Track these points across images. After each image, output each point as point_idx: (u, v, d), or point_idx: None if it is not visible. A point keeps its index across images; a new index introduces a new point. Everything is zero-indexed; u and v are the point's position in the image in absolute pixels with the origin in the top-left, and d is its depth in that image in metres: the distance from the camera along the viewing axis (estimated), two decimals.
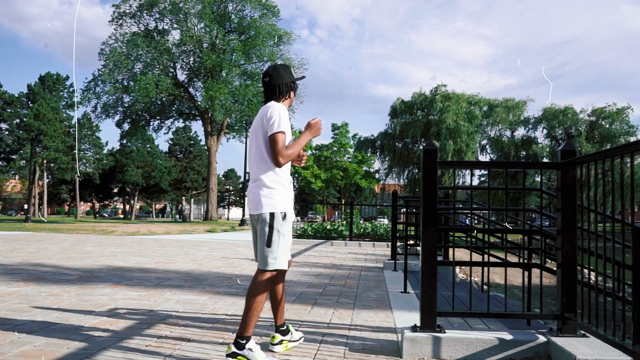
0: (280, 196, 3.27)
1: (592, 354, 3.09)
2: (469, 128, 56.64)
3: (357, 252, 14.07)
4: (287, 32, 42.93)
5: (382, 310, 5.36)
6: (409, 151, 58.94)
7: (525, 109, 60.98)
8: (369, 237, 17.83)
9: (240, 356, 3.10)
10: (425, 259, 3.60)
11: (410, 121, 58.38)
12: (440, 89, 58.29)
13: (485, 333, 3.60)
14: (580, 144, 56.48)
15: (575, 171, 3.56)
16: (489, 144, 62.38)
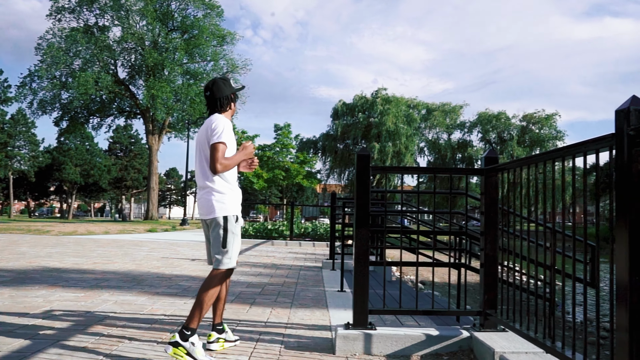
0: (231, 200, 3.45)
1: (509, 347, 3.29)
2: (408, 131, 57.86)
3: (298, 251, 14.17)
4: (230, 33, 42.60)
5: (319, 308, 5.47)
6: (350, 152, 59.59)
7: (461, 113, 62.87)
8: (309, 237, 17.98)
9: (181, 347, 3.17)
10: (358, 259, 3.73)
11: (351, 123, 59.08)
12: (380, 92, 59.25)
13: (413, 329, 3.76)
14: (512, 148, 58.63)
15: (497, 177, 3.77)
16: (427, 146, 63.91)
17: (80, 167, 72.66)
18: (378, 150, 56.81)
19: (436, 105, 61.88)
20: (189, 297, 5.89)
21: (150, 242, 16.37)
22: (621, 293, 2.14)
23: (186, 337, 3.19)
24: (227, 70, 42.64)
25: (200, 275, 8.01)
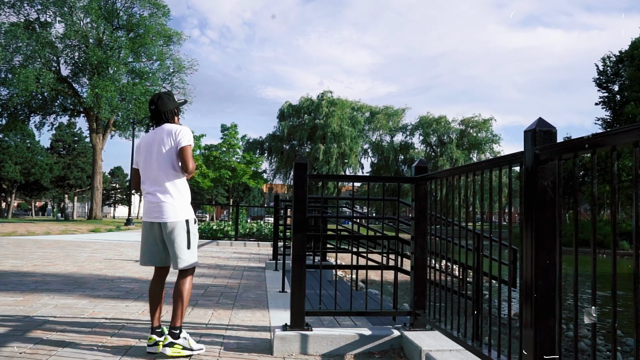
0: (188, 203, 3.68)
1: (435, 345, 3.46)
2: (352, 133, 58.51)
3: (242, 251, 14.17)
4: (177, 33, 41.93)
5: (260, 309, 5.55)
6: (296, 153, 59.75)
7: (404, 117, 64.13)
8: (254, 237, 17.97)
9: (176, 345, 3.47)
10: (295, 263, 3.83)
11: (297, 124, 59.29)
12: (326, 95, 59.69)
13: (347, 329, 3.90)
14: (451, 150, 60.20)
15: (426, 185, 3.95)
16: (370, 147, 64.80)
17: (21, 165, 69.81)
18: (323, 151, 57.22)
19: (380, 108, 62.87)
20: (130, 300, 5.85)
21: (93, 242, 15.98)
22: (527, 293, 2.32)
23: (177, 335, 3.49)
24: (174, 70, 42.01)
25: (144, 276, 7.93)
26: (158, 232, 3.62)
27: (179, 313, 3.57)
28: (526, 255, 2.34)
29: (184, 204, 3.62)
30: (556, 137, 2.30)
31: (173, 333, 3.49)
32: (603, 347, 8.15)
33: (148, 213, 3.61)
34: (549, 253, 2.27)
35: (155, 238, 3.65)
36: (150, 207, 3.60)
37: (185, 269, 3.63)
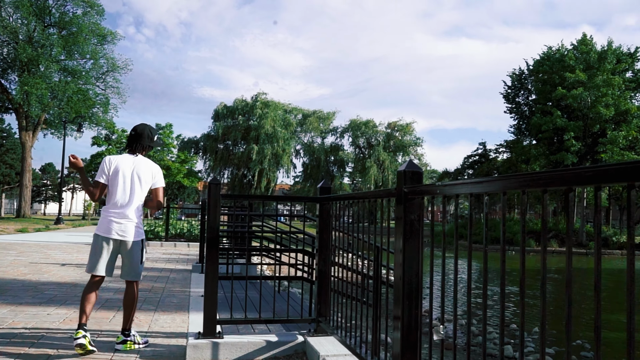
0: (143, 226, 4.25)
1: (332, 350, 3.72)
2: (285, 134, 58.71)
3: (172, 252, 14.06)
4: (111, 32, 40.62)
5: (181, 314, 5.65)
6: (230, 153, 59.36)
7: (334, 119, 64.96)
8: (184, 238, 17.82)
9: (129, 341, 4.13)
10: (207, 276, 3.99)
11: (232, 125, 58.88)
12: (260, 97, 59.59)
13: (256, 336, 4.10)
14: (378, 153, 61.49)
15: (330, 204, 4.21)
16: (303, 149, 65.15)
17: None
18: (257, 151, 57.11)
19: (311, 111, 63.40)
20: (53, 307, 5.80)
21: (19, 244, 15.33)
22: (397, 297, 2.61)
23: (128, 334, 4.15)
24: (108, 69, 40.69)
25: (69, 281, 7.81)
26: (116, 248, 4.08)
27: (129, 317, 4.17)
28: (398, 273, 2.62)
29: (141, 226, 4.20)
30: (422, 177, 2.59)
31: (125, 333, 4.15)
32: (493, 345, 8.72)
33: (112, 231, 4.03)
34: (415, 275, 2.57)
35: (112, 252, 4.09)
36: (118, 226, 4.05)
37: (137, 280, 4.21)
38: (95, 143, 47.49)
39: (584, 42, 39.33)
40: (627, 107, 35.70)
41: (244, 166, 59.69)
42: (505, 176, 1.76)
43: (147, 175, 4.16)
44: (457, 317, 2.22)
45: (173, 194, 70.77)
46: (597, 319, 1.37)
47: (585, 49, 38.56)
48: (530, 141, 43.90)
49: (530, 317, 10.80)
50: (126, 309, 4.18)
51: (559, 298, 14.00)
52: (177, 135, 57.27)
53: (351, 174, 66.82)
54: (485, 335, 1.97)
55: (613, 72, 37.36)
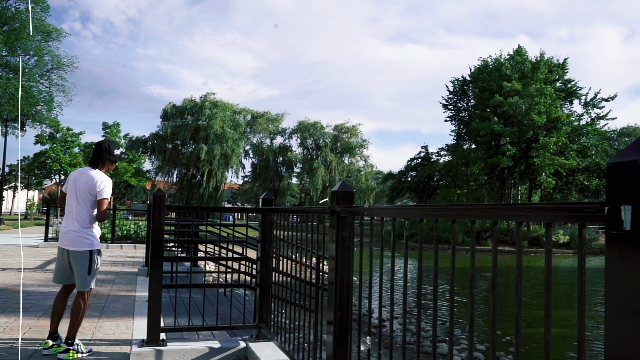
0: (96, 237, 4.26)
1: (272, 356, 3.84)
2: (234, 135, 58.29)
3: (118, 255, 13.79)
4: (57, 29, 39.15)
5: (126, 320, 5.61)
6: (178, 152, 58.45)
7: (283, 121, 65.00)
8: (131, 240, 17.49)
9: (72, 350, 4.11)
10: (152, 285, 4.03)
11: (180, 125, 57.96)
12: (209, 97, 58.91)
13: (199, 343, 4.17)
14: (326, 154, 61.97)
15: (271, 215, 4.32)
16: (252, 149, 64.84)
17: None
18: (206, 151, 56.46)
19: (260, 112, 63.21)
20: None
21: None
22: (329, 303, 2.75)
23: (71, 343, 4.13)
24: (52, 66, 39.25)
25: (10, 287, 7.58)
26: (66, 257, 4.19)
27: (74, 326, 4.16)
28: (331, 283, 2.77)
29: (92, 237, 4.20)
30: (353, 196, 2.75)
31: (68, 342, 4.13)
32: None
33: (62, 240, 4.22)
34: (347, 286, 2.72)
35: (64, 261, 4.22)
36: (64, 235, 4.20)
37: (82, 291, 4.19)
38: (38, 142, 45.79)
39: (519, 53, 40.99)
40: (558, 114, 37.44)
41: (193, 166, 58.86)
42: (419, 205, 1.93)
43: (88, 187, 4.20)
44: (392, 319, 2.38)
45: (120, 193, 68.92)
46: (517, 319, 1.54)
47: (520, 59, 40.19)
48: (470, 145, 45.36)
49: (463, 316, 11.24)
50: (71, 317, 4.17)
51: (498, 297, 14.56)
52: (125, 135, 55.93)
53: (299, 175, 67.07)
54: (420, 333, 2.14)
55: (545, 81, 39.12)
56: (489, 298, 9.08)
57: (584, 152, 40.43)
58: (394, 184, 54.24)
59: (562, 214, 1.33)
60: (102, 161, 4.34)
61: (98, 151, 4.36)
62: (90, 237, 4.19)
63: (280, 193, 66.66)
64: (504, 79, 38.67)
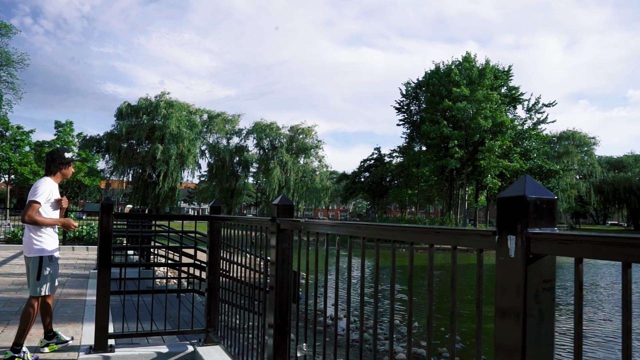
0: (48, 243, 4.25)
1: (219, 358, 3.89)
2: (190, 135, 57.50)
3: (69, 257, 13.43)
4: (6, 25, 37.74)
5: (74, 325, 5.51)
6: (134, 152, 57.19)
7: (239, 121, 64.61)
8: (83, 241, 17.06)
9: (17, 357, 4.02)
10: (99, 292, 4.01)
11: (136, 124, 56.75)
12: (164, 97, 57.94)
13: (148, 348, 4.17)
14: (281, 154, 61.96)
15: (219, 223, 4.36)
16: (208, 149, 64.17)
17: None
18: (162, 151, 55.47)
19: (217, 113, 62.61)
20: None
21: None
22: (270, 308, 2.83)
23: (18, 350, 4.03)
24: (2, 63, 37.77)
25: None
26: (26, 263, 4.30)
27: (22, 333, 4.06)
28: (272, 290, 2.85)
29: (42, 243, 4.20)
30: (293, 209, 2.84)
31: (14, 348, 4.03)
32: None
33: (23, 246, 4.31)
34: (286, 294, 2.81)
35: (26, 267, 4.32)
36: (23, 241, 4.30)
37: (33, 296, 4.15)
38: None
39: (467, 60, 42.13)
40: (502, 119, 38.69)
41: (148, 165, 57.73)
42: (348, 223, 2.04)
43: (32, 190, 4.28)
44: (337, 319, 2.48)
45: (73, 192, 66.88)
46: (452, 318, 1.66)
47: (468, 65, 41.32)
48: (421, 147, 46.28)
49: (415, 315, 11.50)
50: (20, 323, 4.10)
51: (443, 295, 15.00)
52: (79, 133, 54.43)
53: (255, 174, 66.84)
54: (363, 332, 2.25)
55: (491, 87, 40.35)
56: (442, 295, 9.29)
57: (527, 155, 41.94)
58: (347, 185, 54.77)
59: (464, 238, 1.46)
60: (56, 166, 4.40)
61: (49, 159, 4.43)
62: (39, 242, 4.18)
63: (236, 193, 66.23)
64: (453, 85, 39.67)
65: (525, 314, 1.20)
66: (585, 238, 1.10)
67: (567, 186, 69.26)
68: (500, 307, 1.27)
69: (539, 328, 1.21)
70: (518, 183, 1.26)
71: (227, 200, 63.79)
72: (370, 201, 55.00)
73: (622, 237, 1.02)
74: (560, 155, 73.89)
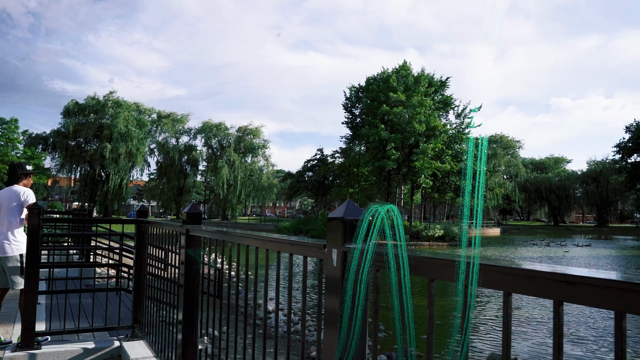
0: (23, 243, 4.56)
1: (142, 353, 4.00)
2: (139, 134, 56.05)
3: None
4: None
5: (6, 326, 5.44)
6: (82, 150, 55.21)
7: (188, 121, 63.55)
8: None
9: None
10: (27, 292, 4.04)
11: (83, 122, 54.78)
12: (112, 96, 56.25)
13: (75, 344, 4.22)
14: (229, 154, 61.40)
15: (145, 226, 4.46)
16: (157, 148, 62.72)
17: None
18: (110, 150, 53.80)
19: (166, 112, 61.34)
20: None
21: None
22: (179, 306, 2.99)
23: None
24: None
25: None
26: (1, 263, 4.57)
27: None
28: (181, 291, 3.02)
29: (20, 242, 4.60)
30: (201, 216, 3.02)
31: None
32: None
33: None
34: (194, 293, 2.98)
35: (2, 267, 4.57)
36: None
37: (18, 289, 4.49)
38: None
39: (404, 67, 43.17)
40: (435, 124, 39.92)
41: (97, 164, 55.82)
42: (237, 235, 2.24)
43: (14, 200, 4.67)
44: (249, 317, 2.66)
45: None
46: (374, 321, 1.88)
47: (405, 73, 42.34)
48: (361, 149, 47.05)
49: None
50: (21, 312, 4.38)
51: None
52: (24, 131, 52.09)
53: (204, 173, 65.95)
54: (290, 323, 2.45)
55: (425, 94, 41.52)
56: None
57: (458, 157, 43.42)
58: (292, 183, 54.94)
59: (310, 249, 1.69)
60: (18, 177, 4.81)
61: (12, 170, 4.84)
62: (19, 242, 4.61)
63: (185, 190, 65.09)
64: (390, 91, 40.54)
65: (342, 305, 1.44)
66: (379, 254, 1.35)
67: (495, 185, 72.20)
68: (328, 303, 1.51)
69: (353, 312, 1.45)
70: (341, 206, 1.50)
71: (176, 198, 62.58)
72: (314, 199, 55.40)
73: (420, 256, 1.27)
74: (490, 157, 76.97)
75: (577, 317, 11.58)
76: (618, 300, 0.83)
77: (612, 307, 0.84)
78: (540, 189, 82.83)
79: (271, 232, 37.32)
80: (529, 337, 9.84)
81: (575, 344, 9.37)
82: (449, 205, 60.20)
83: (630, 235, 60.86)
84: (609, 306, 0.84)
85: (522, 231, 68.85)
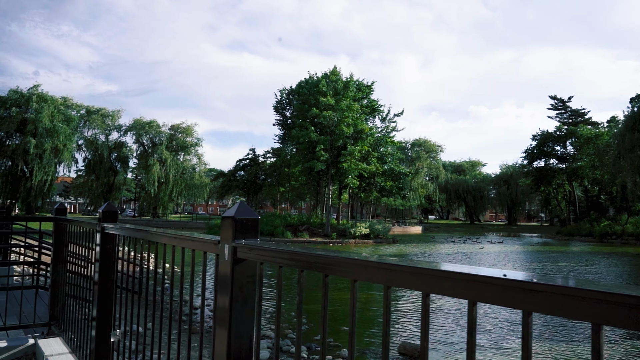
0: None
1: (57, 350, 3.92)
2: (66, 129, 53.19)
3: None
4: None
5: None
6: (3, 145, 51.58)
7: (120, 117, 61.08)
8: None
9: None
10: None
11: (5, 116, 51.19)
12: (37, 89, 52.94)
13: None
14: (161, 151, 59.61)
15: (64, 224, 4.36)
16: (85, 144, 59.80)
17: None
18: (34, 145, 50.64)
19: (96, 108, 58.65)
20: None
21: None
22: (94, 302, 3.00)
23: None
24: None
25: None
26: None
27: None
28: (98, 285, 3.02)
29: None
30: (116, 214, 3.04)
31: None
32: None
33: None
34: (109, 289, 3.00)
35: None
36: None
37: None
38: None
39: (334, 73, 43.79)
40: (362, 127, 40.81)
41: (19, 159, 52.33)
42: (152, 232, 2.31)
43: None
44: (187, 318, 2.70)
45: None
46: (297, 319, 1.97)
47: (335, 78, 42.96)
48: (292, 149, 47.23)
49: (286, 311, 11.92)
50: None
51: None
52: None
53: (135, 170, 63.63)
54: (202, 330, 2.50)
55: (354, 99, 42.37)
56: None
57: (383, 159, 44.68)
58: (224, 182, 54.20)
59: (205, 245, 1.80)
60: None
61: None
62: None
63: (115, 188, 62.51)
64: (320, 94, 41.01)
65: (232, 299, 1.57)
66: (263, 248, 1.49)
67: (418, 186, 74.91)
68: (219, 294, 1.63)
69: (243, 308, 1.59)
70: (234, 207, 1.63)
71: (105, 195, 59.92)
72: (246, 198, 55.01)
73: (296, 251, 1.42)
74: (413, 160, 79.80)
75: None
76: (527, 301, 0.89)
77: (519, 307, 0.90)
78: (459, 190, 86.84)
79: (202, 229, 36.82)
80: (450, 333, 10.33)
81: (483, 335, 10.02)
82: (375, 205, 61.75)
83: (535, 233, 65.14)
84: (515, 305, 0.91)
85: (441, 229, 71.89)
